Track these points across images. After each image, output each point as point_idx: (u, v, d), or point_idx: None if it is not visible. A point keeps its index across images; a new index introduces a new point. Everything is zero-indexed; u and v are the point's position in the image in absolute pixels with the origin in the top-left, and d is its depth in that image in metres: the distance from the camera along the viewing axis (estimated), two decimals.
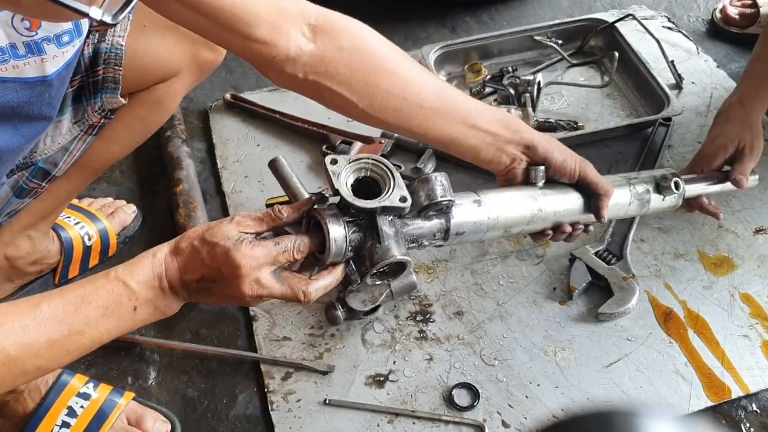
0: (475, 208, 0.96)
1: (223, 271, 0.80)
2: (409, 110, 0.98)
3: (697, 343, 1.20)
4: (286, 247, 0.86)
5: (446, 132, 1.00)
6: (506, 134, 1.01)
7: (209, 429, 1.16)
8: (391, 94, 0.97)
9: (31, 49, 0.86)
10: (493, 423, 1.12)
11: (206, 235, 0.81)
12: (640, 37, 1.69)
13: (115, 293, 0.78)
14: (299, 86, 0.97)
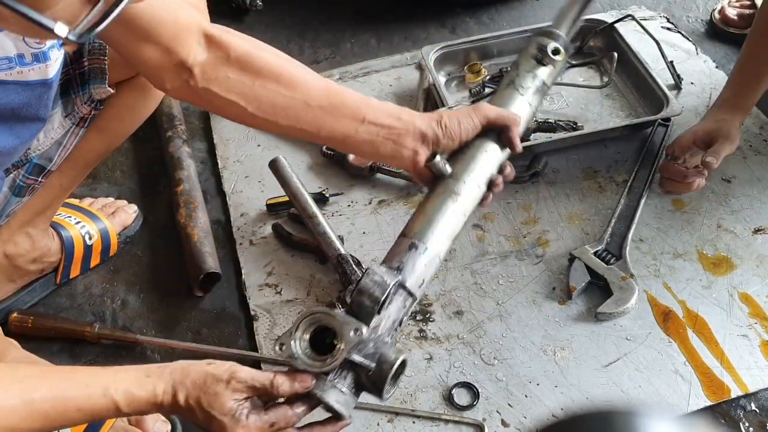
0: (418, 255, 0.91)
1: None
2: (297, 109, 0.99)
3: (696, 343, 1.20)
4: (279, 426, 0.86)
5: (338, 129, 1.00)
6: (399, 126, 1.00)
7: None
8: (277, 93, 0.98)
9: (38, 57, 0.87)
10: (493, 422, 1.12)
11: (203, 402, 0.83)
12: (639, 38, 1.69)
13: (106, 410, 0.80)
14: (193, 95, 0.99)
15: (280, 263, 1.35)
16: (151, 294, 1.35)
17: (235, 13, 1.96)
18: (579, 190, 1.45)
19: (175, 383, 0.83)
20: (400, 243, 0.93)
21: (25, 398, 0.76)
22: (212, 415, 0.82)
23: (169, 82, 0.98)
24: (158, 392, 0.82)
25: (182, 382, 0.83)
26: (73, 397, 0.78)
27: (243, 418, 0.83)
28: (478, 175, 0.99)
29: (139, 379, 0.82)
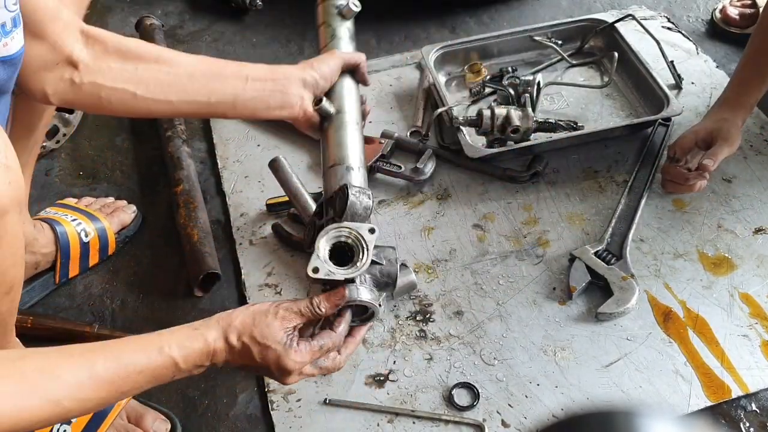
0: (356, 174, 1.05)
1: (272, 369, 0.90)
2: (183, 83, 1.05)
3: (697, 343, 1.20)
4: (327, 347, 0.93)
5: (227, 91, 1.06)
6: (281, 77, 1.09)
7: (210, 429, 1.16)
8: (160, 72, 1.03)
9: (15, 22, 0.85)
10: (493, 422, 1.12)
11: (256, 335, 0.89)
12: (639, 38, 1.69)
13: (165, 368, 0.84)
14: (77, 93, 1.00)
15: (280, 263, 1.35)
16: (151, 294, 1.35)
17: (235, 13, 1.96)
18: (579, 190, 1.45)
19: (224, 328, 0.88)
20: (337, 171, 1.05)
21: (89, 371, 0.79)
22: (267, 345, 0.88)
23: (50, 86, 0.98)
24: (210, 340, 0.87)
25: (231, 325, 0.89)
26: (133, 362, 0.82)
27: (295, 345, 0.89)
28: (355, 106, 1.16)
29: (188, 333, 0.86)
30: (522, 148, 1.46)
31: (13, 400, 0.74)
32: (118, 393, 0.82)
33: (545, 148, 1.48)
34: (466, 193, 1.45)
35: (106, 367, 0.80)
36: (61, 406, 0.77)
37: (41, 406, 0.75)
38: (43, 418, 0.76)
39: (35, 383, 0.76)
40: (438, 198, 1.44)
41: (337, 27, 1.25)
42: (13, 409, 0.73)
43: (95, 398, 0.80)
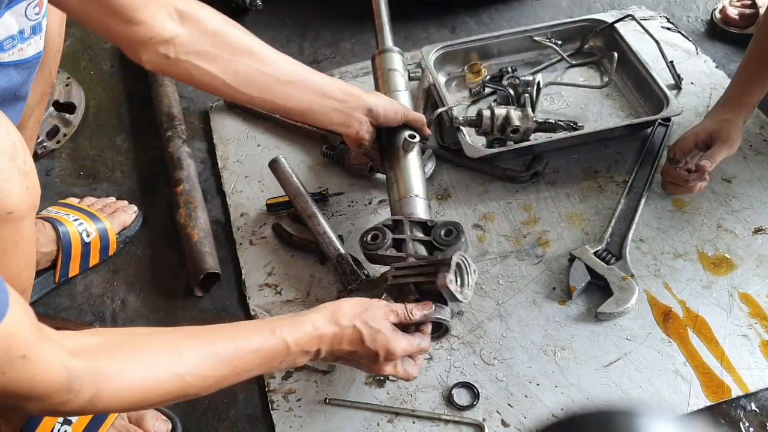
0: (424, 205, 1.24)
1: (379, 353, 0.97)
2: (269, 83, 1.14)
3: (697, 343, 1.20)
4: (420, 347, 1.02)
5: (304, 102, 1.18)
6: (351, 101, 1.22)
7: (210, 428, 1.16)
8: (252, 69, 1.12)
9: (35, 29, 0.87)
10: (493, 422, 1.12)
11: (368, 319, 0.96)
12: (639, 38, 1.69)
13: (276, 350, 0.89)
14: (171, 67, 1.06)
15: (280, 263, 1.35)
16: (151, 294, 1.35)
17: (235, 13, 1.96)
18: (579, 190, 1.45)
19: (333, 313, 0.95)
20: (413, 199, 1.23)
21: (209, 349, 0.84)
22: (378, 328, 0.96)
23: (145, 56, 1.03)
24: (319, 324, 0.92)
25: (339, 311, 0.95)
26: (248, 342, 0.87)
27: (400, 333, 0.98)
28: None
29: (297, 319, 0.92)
30: (522, 148, 1.46)
31: (142, 371, 0.79)
32: (234, 373, 0.86)
33: (545, 148, 1.48)
34: (466, 193, 1.45)
35: (225, 347, 0.85)
36: (184, 380, 0.81)
37: (166, 378, 0.80)
38: (167, 390, 0.81)
39: (161, 358, 0.81)
40: (438, 198, 1.44)
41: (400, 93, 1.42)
42: (142, 379, 0.79)
43: (214, 376, 0.85)
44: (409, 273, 1.07)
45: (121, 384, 0.77)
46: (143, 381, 0.79)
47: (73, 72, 1.79)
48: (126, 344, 0.81)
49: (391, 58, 1.46)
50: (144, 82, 1.74)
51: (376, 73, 1.47)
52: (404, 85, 1.43)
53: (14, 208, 0.86)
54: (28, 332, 0.71)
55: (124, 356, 0.79)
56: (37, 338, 0.72)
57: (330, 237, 1.30)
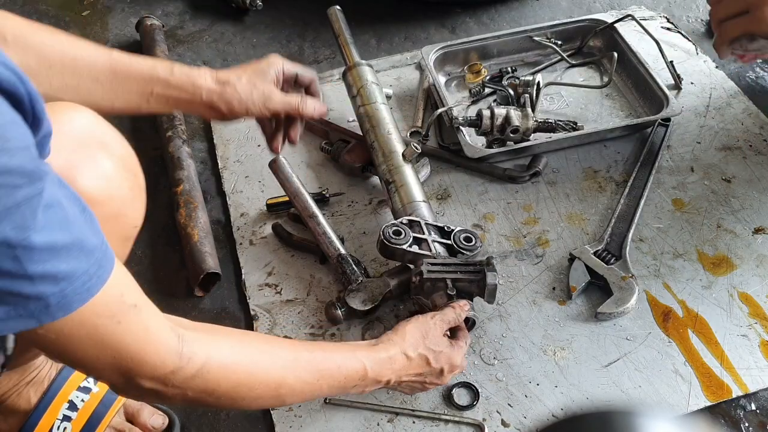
0: None
1: (444, 369, 1.05)
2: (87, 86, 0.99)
3: (696, 343, 1.20)
4: (469, 343, 1.14)
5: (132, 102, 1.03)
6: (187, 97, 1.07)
7: (210, 428, 1.16)
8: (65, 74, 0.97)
9: None
10: (493, 422, 1.13)
11: (430, 345, 1.04)
12: (639, 38, 1.69)
13: (356, 371, 0.94)
14: None
15: (280, 263, 1.35)
16: (151, 294, 1.32)
17: (235, 13, 1.96)
18: (579, 190, 1.45)
19: (401, 345, 1.01)
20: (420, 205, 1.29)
21: (305, 355, 0.90)
22: (440, 350, 1.05)
23: None
24: (392, 354, 0.99)
25: (404, 341, 1.02)
26: (334, 357, 0.93)
27: (455, 346, 1.08)
28: None
29: (372, 347, 0.99)
30: (522, 148, 1.46)
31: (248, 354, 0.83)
32: (317, 383, 0.90)
33: (545, 148, 1.49)
34: (465, 193, 1.45)
35: (318, 356, 0.90)
36: (284, 377, 0.86)
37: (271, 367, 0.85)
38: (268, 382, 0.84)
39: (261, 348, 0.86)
40: (438, 198, 1.45)
41: None
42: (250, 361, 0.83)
43: (306, 381, 0.89)
44: (447, 270, 1.16)
45: (230, 360, 0.80)
46: (250, 363, 0.83)
47: None
48: (228, 330, 0.85)
49: (365, 71, 1.50)
50: None
51: (353, 89, 1.49)
52: (383, 98, 1.47)
53: (139, 222, 0.92)
54: (136, 288, 0.75)
55: (230, 338, 0.83)
56: (144, 297, 0.75)
57: (330, 237, 1.30)
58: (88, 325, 0.67)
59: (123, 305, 0.71)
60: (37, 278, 0.60)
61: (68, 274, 0.62)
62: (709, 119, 1.58)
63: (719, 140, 1.53)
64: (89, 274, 0.65)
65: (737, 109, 1.59)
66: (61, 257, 0.61)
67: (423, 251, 1.20)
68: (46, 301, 0.62)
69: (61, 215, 0.62)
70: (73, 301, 0.64)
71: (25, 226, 0.57)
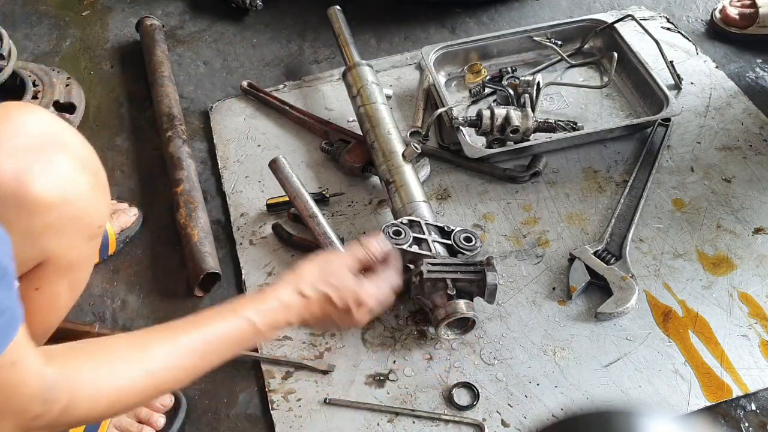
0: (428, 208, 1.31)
1: (350, 306, 0.97)
2: None
3: (696, 343, 1.20)
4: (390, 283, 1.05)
5: None
6: None
7: (210, 428, 1.16)
8: None
9: None
10: (493, 422, 1.13)
11: (332, 281, 0.96)
12: (639, 38, 1.69)
13: (244, 331, 0.88)
14: None
15: (280, 263, 1.35)
16: (151, 294, 1.35)
17: (235, 13, 1.96)
18: (579, 190, 1.45)
19: (295, 284, 0.94)
20: (420, 205, 1.29)
21: (174, 343, 0.83)
22: (343, 285, 0.96)
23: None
24: (284, 298, 0.92)
25: (301, 279, 0.94)
26: (212, 329, 0.86)
27: (366, 283, 0.99)
28: None
29: (261, 297, 0.91)
30: (522, 148, 1.46)
31: (114, 374, 0.78)
32: (205, 361, 0.86)
33: (545, 149, 1.48)
34: (465, 194, 1.45)
35: (190, 338, 0.84)
36: (156, 376, 0.81)
37: (138, 377, 0.79)
38: (141, 390, 0.80)
39: (128, 358, 0.80)
40: (438, 198, 1.45)
41: None
42: (115, 381, 0.78)
43: (185, 366, 0.84)
44: (447, 270, 1.16)
45: (94, 389, 0.76)
46: (116, 383, 0.78)
47: (73, 72, 1.79)
48: (94, 349, 0.80)
49: (365, 71, 1.51)
50: (144, 82, 1.74)
51: (353, 89, 1.50)
52: (384, 98, 1.47)
53: (103, 222, 0.91)
54: (24, 338, 0.69)
55: (94, 360, 0.78)
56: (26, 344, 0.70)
57: (330, 237, 1.30)
58: None
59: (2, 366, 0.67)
60: None
61: None
62: (709, 119, 1.58)
63: (719, 140, 1.53)
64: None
65: (737, 109, 1.59)
66: None
67: (423, 251, 1.19)
68: None
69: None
70: None
71: None
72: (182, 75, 1.78)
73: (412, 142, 1.38)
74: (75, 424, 0.80)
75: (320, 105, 1.65)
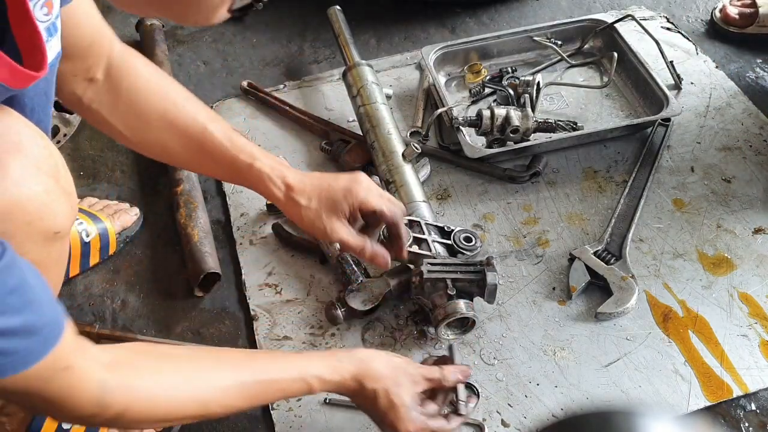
0: None
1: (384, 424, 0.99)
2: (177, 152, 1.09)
3: (696, 343, 1.20)
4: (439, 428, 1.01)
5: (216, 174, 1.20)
6: None
7: (210, 428, 1.16)
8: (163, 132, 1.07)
9: (50, 31, 0.85)
10: (493, 422, 1.13)
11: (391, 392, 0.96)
12: (639, 38, 1.69)
13: (300, 390, 0.93)
14: (82, 108, 1.05)
15: (280, 263, 1.35)
16: (151, 294, 1.35)
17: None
18: (579, 190, 1.45)
19: (362, 374, 0.95)
20: (420, 205, 1.30)
21: (238, 380, 0.87)
22: (393, 403, 0.96)
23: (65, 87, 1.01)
24: (346, 378, 0.95)
25: (369, 371, 0.96)
26: (276, 380, 0.90)
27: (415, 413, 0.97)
28: None
29: (331, 366, 0.94)
30: (522, 148, 1.46)
31: (170, 394, 0.82)
32: (255, 402, 0.90)
33: (545, 148, 1.48)
34: (465, 194, 1.45)
35: (254, 379, 0.88)
36: (207, 408, 0.85)
37: (192, 404, 0.83)
38: (189, 414, 0.85)
39: (190, 383, 0.84)
40: (438, 198, 1.45)
41: None
42: (170, 402, 0.82)
43: (236, 406, 0.89)
44: (447, 270, 1.16)
45: (148, 404, 0.80)
46: (169, 404, 0.82)
47: None
48: (160, 363, 0.84)
49: (365, 71, 1.51)
50: None
51: (353, 89, 1.51)
52: (384, 98, 1.47)
53: (61, 227, 0.88)
54: (72, 344, 0.73)
55: (156, 376, 0.82)
56: (78, 350, 0.75)
57: None
58: (19, 383, 0.69)
59: (55, 371, 0.72)
60: None
61: (9, 351, 0.66)
62: (709, 119, 1.58)
63: (719, 140, 1.53)
64: (30, 350, 0.68)
65: (737, 109, 1.59)
66: (7, 337, 0.65)
67: (423, 251, 1.19)
68: None
69: (22, 300, 0.65)
70: (8, 371, 0.67)
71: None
72: (182, 75, 1.78)
73: (412, 142, 1.38)
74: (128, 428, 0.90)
75: (320, 105, 1.65)
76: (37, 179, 0.84)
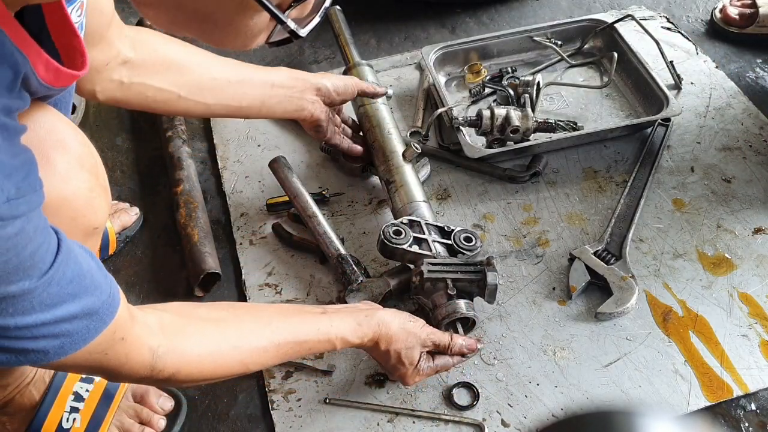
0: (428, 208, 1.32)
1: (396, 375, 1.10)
2: (222, 87, 1.21)
3: (696, 343, 1.20)
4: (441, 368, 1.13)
5: (257, 97, 1.25)
6: (299, 85, 1.28)
7: (210, 428, 1.16)
8: (202, 77, 1.18)
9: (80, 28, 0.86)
10: (493, 422, 1.13)
11: (402, 354, 1.06)
12: (639, 38, 1.69)
13: (324, 348, 1.01)
14: (125, 92, 1.11)
15: (280, 263, 1.35)
16: (151, 294, 1.35)
17: None
18: (579, 190, 1.45)
19: (380, 335, 1.03)
20: (420, 205, 1.30)
21: (274, 341, 0.94)
22: (403, 362, 1.06)
23: (99, 85, 1.06)
24: (365, 340, 1.02)
25: (386, 336, 1.04)
26: (306, 341, 0.97)
27: (421, 366, 1.08)
28: None
29: (353, 329, 1.01)
30: (522, 148, 1.46)
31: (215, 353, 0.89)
32: (286, 359, 0.98)
33: (545, 149, 1.48)
34: (465, 194, 1.45)
35: (288, 340, 0.95)
36: (247, 367, 0.93)
37: (234, 366, 0.91)
38: (230, 372, 0.92)
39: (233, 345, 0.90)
40: (438, 198, 1.45)
41: None
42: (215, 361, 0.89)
43: (271, 363, 0.99)
44: (448, 270, 1.16)
45: (197, 366, 0.87)
46: (215, 364, 0.89)
47: None
48: (205, 325, 0.89)
49: (364, 71, 1.51)
50: None
51: None
52: (384, 98, 1.48)
53: (99, 223, 0.92)
54: (125, 316, 0.78)
55: (202, 340, 0.88)
56: (131, 320, 0.79)
57: (330, 237, 1.30)
58: (80, 358, 0.74)
59: (113, 342, 0.76)
60: (41, 338, 0.68)
61: (70, 332, 0.70)
62: (709, 119, 1.58)
63: (719, 140, 1.53)
64: (88, 328, 0.72)
65: (737, 110, 1.59)
66: (68, 321, 0.69)
67: (423, 251, 1.20)
68: (45, 353, 0.69)
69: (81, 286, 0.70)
70: (69, 350, 0.71)
71: None
72: None
73: (412, 142, 1.38)
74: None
75: None
76: (80, 176, 0.88)
